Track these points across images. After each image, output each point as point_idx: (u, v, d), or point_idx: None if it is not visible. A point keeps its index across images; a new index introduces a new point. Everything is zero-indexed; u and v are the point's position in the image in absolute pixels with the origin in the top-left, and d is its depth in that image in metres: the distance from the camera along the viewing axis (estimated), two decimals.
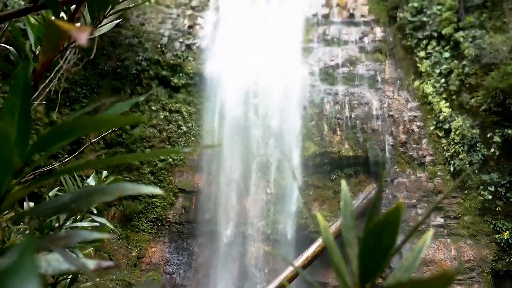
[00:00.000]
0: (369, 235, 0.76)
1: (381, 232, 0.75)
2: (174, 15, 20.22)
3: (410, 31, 17.90)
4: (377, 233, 0.75)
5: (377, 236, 0.75)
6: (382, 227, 0.75)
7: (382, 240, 0.76)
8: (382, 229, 0.75)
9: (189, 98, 18.46)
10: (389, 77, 18.67)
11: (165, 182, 16.92)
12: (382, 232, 0.75)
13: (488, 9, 16.68)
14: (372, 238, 0.76)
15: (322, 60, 19.15)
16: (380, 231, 0.75)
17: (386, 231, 0.75)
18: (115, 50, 18.10)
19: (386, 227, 0.75)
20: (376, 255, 0.76)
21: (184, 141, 17.62)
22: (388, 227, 0.75)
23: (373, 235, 0.75)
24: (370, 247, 0.76)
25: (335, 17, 20.84)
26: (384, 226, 0.75)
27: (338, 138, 17.23)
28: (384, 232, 0.75)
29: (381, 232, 0.75)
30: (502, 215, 14.66)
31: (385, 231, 0.75)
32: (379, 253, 0.76)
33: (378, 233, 0.75)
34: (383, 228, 0.75)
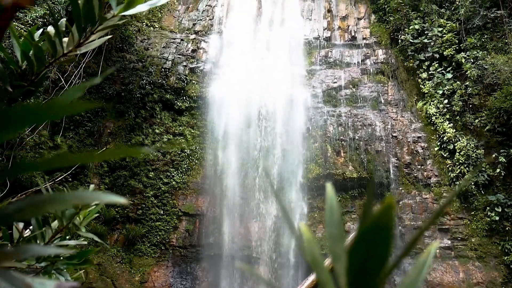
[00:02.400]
0: (358, 245, 0.64)
1: (371, 240, 0.64)
2: (178, 40, 20.47)
3: (412, 53, 18.01)
4: (366, 241, 0.64)
5: (366, 246, 0.64)
6: (372, 234, 0.63)
7: (372, 250, 0.64)
8: (371, 236, 0.64)
9: (193, 121, 18.53)
10: (392, 98, 18.70)
11: (168, 205, 16.84)
12: (372, 240, 0.64)
13: (489, 31, 16.80)
14: (360, 249, 0.64)
15: (325, 82, 19.24)
16: (370, 239, 0.64)
17: (377, 238, 0.64)
18: (119, 74, 18.29)
19: (376, 233, 0.64)
20: (367, 269, 0.65)
21: (188, 164, 17.61)
22: (379, 232, 0.63)
23: (361, 244, 0.64)
24: (360, 260, 0.65)
25: (337, 39, 21.04)
26: (374, 232, 0.64)
27: (342, 160, 17.17)
28: (375, 239, 0.64)
29: (371, 240, 0.64)
30: (511, 236, 14.43)
31: (375, 238, 0.64)
32: (371, 267, 0.65)
33: (368, 242, 0.64)
34: (373, 235, 0.64)
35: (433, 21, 17.95)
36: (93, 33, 1.16)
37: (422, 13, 18.56)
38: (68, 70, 15.78)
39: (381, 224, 0.64)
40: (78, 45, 1.19)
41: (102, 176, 16.86)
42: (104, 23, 1.14)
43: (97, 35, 1.19)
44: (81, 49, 1.20)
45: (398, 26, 19.06)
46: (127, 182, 16.83)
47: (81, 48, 1.20)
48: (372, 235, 0.64)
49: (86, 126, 16.99)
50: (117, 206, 16.46)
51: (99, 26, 1.15)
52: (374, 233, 0.64)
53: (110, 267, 15.47)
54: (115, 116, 17.77)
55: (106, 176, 16.92)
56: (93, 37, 1.16)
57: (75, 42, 1.19)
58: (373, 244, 0.64)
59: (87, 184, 16.42)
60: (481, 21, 16.76)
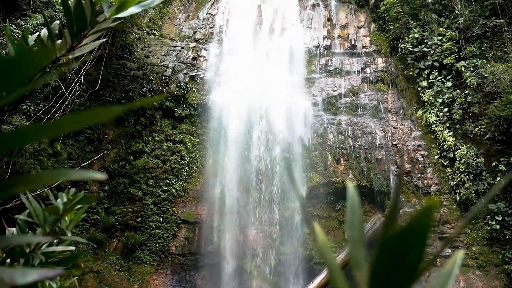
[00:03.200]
0: (385, 251, 0.57)
1: (403, 245, 0.56)
2: (179, 48, 20.54)
3: (411, 61, 18.06)
4: (396, 246, 0.56)
5: (396, 251, 0.56)
6: (405, 238, 0.56)
7: (404, 256, 0.56)
8: (404, 241, 0.56)
9: (193, 128, 18.54)
10: (392, 106, 18.72)
11: (168, 213, 16.78)
12: (405, 245, 0.56)
13: (488, 39, 16.85)
14: (388, 255, 0.56)
15: (325, 90, 19.27)
16: (402, 243, 0.56)
17: (410, 243, 0.56)
18: (120, 82, 18.33)
19: (410, 237, 0.56)
20: (394, 278, 0.57)
21: (188, 171, 17.58)
22: (414, 237, 0.56)
23: (390, 250, 0.56)
24: (386, 267, 0.57)
25: (337, 48, 21.11)
26: (408, 237, 0.56)
27: (342, 168, 17.14)
28: (407, 245, 0.56)
29: (403, 245, 0.56)
30: (511, 245, 14.36)
31: (408, 243, 0.56)
32: (399, 275, 0.57)
33: (398, 247, 0.56)
34: (406, 240, 0.56)
35: (433, 29, 18.02)
36: (86, 37, 1.15)
37: (421, 22, 18.64)
38: (69, 77, 15.81)
39: (417, 228, 0.57)
40: (71, 49, 1.18)
41: (102, 183, 16.82)
42: (96, 26, 1.13)
43: (90, 39, 1.18)
44: (74, 53, 1.18)
45: (397, 35, 19.13)
46: (126, 190, 16.79)
47: (74, 52, 1.19)
48: (404, 239, 0.57)
49: (86, 133, 16.99)
50: (116, 214, 16.41)
51: (91, 30, 1.14)
52: (408, 237, 0.57)
53: (108, 275, 15.38)
54: (115, 123, 17.77)
55: (105, 183, 16.88)
56: (86, 41, 1.15)
57: (68, 46, 1.18)
58: (403, 251, 0.57)
59: (86, 191, 16.38)
60: (480, 30, 16.82)
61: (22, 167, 14.14)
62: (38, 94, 15.10)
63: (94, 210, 16.24)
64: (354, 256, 0.68)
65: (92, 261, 15.38)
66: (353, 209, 0.72)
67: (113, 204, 16.63)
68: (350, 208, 0.73)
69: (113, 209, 16.50)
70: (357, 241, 0.69)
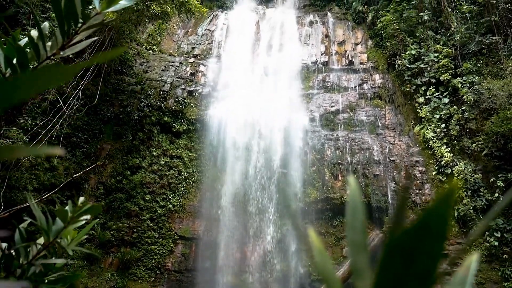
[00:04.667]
0: (394, 252, 0.46)
1: (416, 243, 0.46)
2: (177, 63, 20.64)
3: (408, 78, 18.15)
4: (408, 244, 0.46)
5: (408, 251, 0.46)
6: (419, 233, 0.46)
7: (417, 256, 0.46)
8: (417, 238, 0.46)
9: (190, 143, 18.51)
10: (389, 122, 18.75)
11: (164, 228, 16.64)
12: (419, 243, 0.46)
13: (484, 56, 16.98)
14: (399, 256, 0.46)
15: (323, 106, 19.33)
16: (414, 241, 0.46)
17: (426, 238, 0.45)
18: (118, 97, 18.35)
19: (425, 232, 0.46)
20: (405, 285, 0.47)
21: (185, 187, 17.50)
22: (430, 231, 0.46)
23: (401, 250, 0.46)
24: (396, 272, 0.47)
25: (334, 64, 21.25)
26: (423, 231, 0.46)
27: (339, 184, 17.08)
28: (422, 241, 0.46)
29: (416, 242, 0.46)
30: (510, 262, 14.24)
31: (423, 239, 0.46)
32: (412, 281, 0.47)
33: (411, 245, 0.46)
34: (421, 236, 0.46)
35: (429, 46, 18.17)
36: (77, 33, 1.13)
37: (418, 39, 18.79)
38: (67, 92, 15.82)
39: (433, 222, 0.46)
40: (62, 47, 1.16)
41: (98, 199, 16.71)
42: (87, 22, 1.11)
43: (82, 36, 1.15)
44: (65, 51, 1.16)
45: (394, 52, 19.28)
46: (123, 205, 16.67)
47: (65, 51, 1.16)
48: (418, 236, 0.46)
49: (83, 147, 16.93)
50: (112, 229, 16.26)
51: (82, 26, 1.11)
52: (423, 232, 0.46)
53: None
54: (112, 138, 17.73)
55: (102, 198, 16.77)
56: (78, 38, 1.13)
57: (59, 44, 1.16)
58: (417, 249, 0.47)
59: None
60: (476, 47, 16.96)
61: (18, 182, 14.05)
62: (36, 109, 15.09)
63: None
64: (355, 262, 0.58)
65: (87, 277, 15.17)
66: (354, 207, 0.63)
67: (109, 220, 16.49)
68: (351, 207, 0.64)
69: (109, 224, 16.35)
70: (358, 245, 0.59)
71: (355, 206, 0.63)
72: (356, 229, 0.61)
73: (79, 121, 16.90)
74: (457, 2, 18.46)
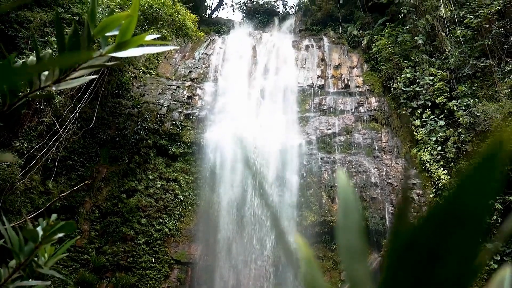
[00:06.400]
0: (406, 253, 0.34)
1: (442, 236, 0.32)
2: (174, 86, 20.75)
3: (404, 101, 18.28)
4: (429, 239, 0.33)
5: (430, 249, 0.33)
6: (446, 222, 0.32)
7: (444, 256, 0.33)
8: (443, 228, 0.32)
9: (187, 167, 18.44)
10: (386, 145, 18.78)
11: (160, 253, 16.41)
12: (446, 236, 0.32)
13: (478, 79, 17.15)
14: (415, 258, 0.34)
15: (319, 129, 19.38)
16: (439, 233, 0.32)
17: (457, 228, 0.32)
18: (114, 120, 18.36)
19: (456, 218, 0.32)
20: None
21: (181, 210, 17.35)
22: (463, 216, 0.32)
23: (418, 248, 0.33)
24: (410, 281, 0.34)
25: (330, 87, 21.41)
26: (452, 217, 0.32)
27: (337, 207, 16.93)
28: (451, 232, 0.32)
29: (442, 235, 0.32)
30: None
31: (453, 229, 0.32)
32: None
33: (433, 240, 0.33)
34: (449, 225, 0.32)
35: (424, 70, 18.36)
36: (76, 70, 1.11)
37: (413, 63, 19.01)
38: (63, 115, 15.82)
39: (467, 201, 0.31)
40: (57, 81, 1.13)
41: (93, 222, 16.52)
42: (89, 61, 1.09)
43: (80, 73, 1.13)
44: (59, 85, 1.13)
45: (390, 75, 19.47)
46: (118, 229, 16.47)
47: (59, 85, 1.14)
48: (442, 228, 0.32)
49: (79, 171, 16.82)
50: (107, 253, 16.03)
51: (83, 64, 1.09)
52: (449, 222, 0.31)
53: None
54: (108, 161, 17.65)
55: (97, 222, 16.58)
56: (75, 75, 1.11)
57: (55, 77, 1.14)
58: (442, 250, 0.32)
59: (77, 230, 16.05)
60: (470, 70, 17.15)
61: (12, 205, 13.90)
62: (32, 132, 15.05)
63: (84, 250, 15.86)
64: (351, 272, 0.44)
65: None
66: (346, 205, 0.51)
67: (104, 244, 16.26)
68: (342, 205, 0.52)
69: (104, 248, 16.12)
70: (353, 251, 0.45)
71: (347, 203, 0.51)
72: (350, 231, 0.48)
73: (75, 144, 16.85)
74: (451, 27, 18.74)
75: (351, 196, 0.52)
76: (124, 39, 1.00)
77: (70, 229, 1.48)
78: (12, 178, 13.57)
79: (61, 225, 1.47)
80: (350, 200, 0.51)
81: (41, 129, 15.29)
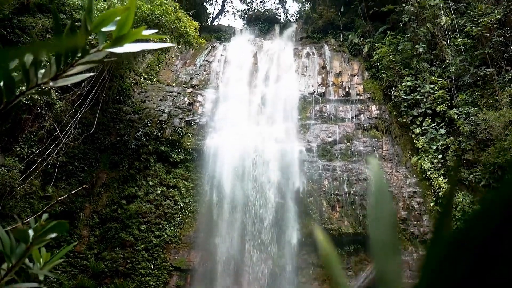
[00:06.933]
0: (450, 254, 0.30)
1: (500, 232, 0.26)
2: (175, 93, 20.79)
3: (405, 109, 18.29)
4: (485, 238, 0.27)
5: (484, 249, 0.28)
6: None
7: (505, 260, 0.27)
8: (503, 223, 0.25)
9: (187, 173, 18.42)
10: (386, 153, 18.76)
11: (159, 259, 16.34)
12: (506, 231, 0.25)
13: (479, 88, 17.16)
14: (462, 260, 0.29)
15: (320, 136, 19.37)
16: (499, 228, 0.26)
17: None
18: (115, 126, 18.37)
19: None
20: None
21: (181, 217, 17.30)
22: None
23: (468, 249, 0.29)
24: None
25: (331, 95, 21.44)
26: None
27: (337, 215, 16.93)
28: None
29: (501, 231, 0.26)
30: None
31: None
32: None
33: (489, 240, 0.27)
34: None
35: (425, 78, 18.39)
36: (73, 66, 1.10)
37: (413, 71, 19.04)
38: (64, 120, 15.84)
39: None
40: (55, 77, 1.13)
41: (93, 228, 16.47)
42: (86, 56, 1.08)
43: (78, 69, 1.12)
44: (57, 82, 1.13)
45: (390, 83, 19.49)
46: (117, 235, 16.42)
47: (57, 81, 1.13)
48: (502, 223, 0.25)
49: (79, 176, 16.80)
50: (106, 259, 15.97)
51: (80, 60, 1.09)
52: None
53: None
54: (109, 167, 17.64)
55: (96, 228, 16.53)
56: (73, 71, 1.10)
57: (52, 74, 1.13)
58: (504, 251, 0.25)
59: (76, 236, 16.01)
60: (471, 79, 17.17)
61: (12, 210, 13.87)
62: (33, 137, 15.06)
63: (83, 256, 15.80)
64: (381, 267, 0.40)
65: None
66: (379, 194, 0.46)
67: (104, 250, 16.20)
68: (376, 193, 0.48)
69: (103, 254, 16.06)
70: (385, 244, 0.40)
71: (380, 192, 0.47)
72: (382, 223, 0.43)
73: (76, 149, 16.85)
74: (451, 35, 18.79)
75: (384, 186, 0.48)
76: (121, 33, 1.00)
77: (62, 229, 1.45)
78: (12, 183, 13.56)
79: (53, 225, 1.43)
80: (383, 190, 0.48)
81: (42, 134, 15.30)
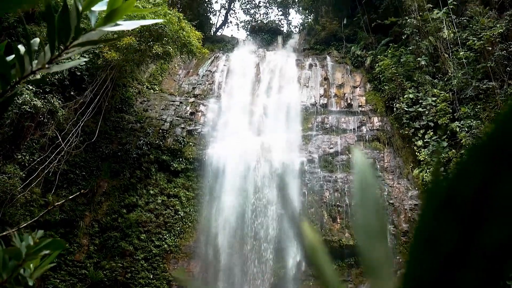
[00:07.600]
0: (437, 215, 0.27)
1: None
2: (177, 102, 20.84)
3: (407, 121, 18.27)
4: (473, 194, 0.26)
5: (470, 208, 0.26)
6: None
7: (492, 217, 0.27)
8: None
9: (188, 183, 18.38)
10: (388, 165, 18.71)
11: (159, 269, 16.25)
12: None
13: (481, 101, 17.15)
14: (448, 221, 0.27)
15: (321, 147, 19.34)
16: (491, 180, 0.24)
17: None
18: (117, 134, 18.39)
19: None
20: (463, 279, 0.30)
21: (181, 226, 17.23)
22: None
23: (454, 208, 0.26)
24: (438, 256, 0.28)
25: (333, 106, 21.45)
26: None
27: (338, 226, 16.84)
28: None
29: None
30: None
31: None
32: (475, 271, 0.31)
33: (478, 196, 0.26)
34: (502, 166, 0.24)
35: (427, 91, 18.39)
36: (68, 48, 1.08)
37: (416, 83, 19.05)
38: (66, 128, 15.86)
39: None
40: (50, 61, 1.11)
41: (92, 237, 16.41)
42: (80, 37, 1.07)
43: (73, 52, 1.11)
44: (52, 66, 1.11)
45: (393, 95, 19.50)
46: (117, 244, 16.35)
47: (51, 66, 1.11)
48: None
49: (80, 184, 16.78)
50: (105, 269, 15.88)
51: (74, 41, 1.07)
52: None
53: None
54: (110, 175, 17.62)
55: (96, 236, 16.47)
56: (68, 55, 1.09)
57: (47, 59, 1.11)
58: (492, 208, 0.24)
59: (76, 245, 15.95)
60: (473, 92, 17.17)
61: (12, 218, 13.84)
62: (34, 144, 15.07)
63: (82, 265, 15.72)
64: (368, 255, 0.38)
65: None
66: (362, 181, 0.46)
67: (103, 259, 16.13)
68: (358, 181, 0.48)
69: (103, 263, 15.98)
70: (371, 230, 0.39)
71: (363, 178, 0.46)
72: (368, 209, 0.43)
73: (77, 157, 16.85)
74: (454, 48, 18.83)
75: (367, 171, 0.47)
76: (113, 7, 0.99)
77: (58, 247, 1.42)
78: (12, 191, 13.55)
79: (47, 243, 1.39)
80: (367, 176, 0.47)
81: (44, 142, 15.32)
